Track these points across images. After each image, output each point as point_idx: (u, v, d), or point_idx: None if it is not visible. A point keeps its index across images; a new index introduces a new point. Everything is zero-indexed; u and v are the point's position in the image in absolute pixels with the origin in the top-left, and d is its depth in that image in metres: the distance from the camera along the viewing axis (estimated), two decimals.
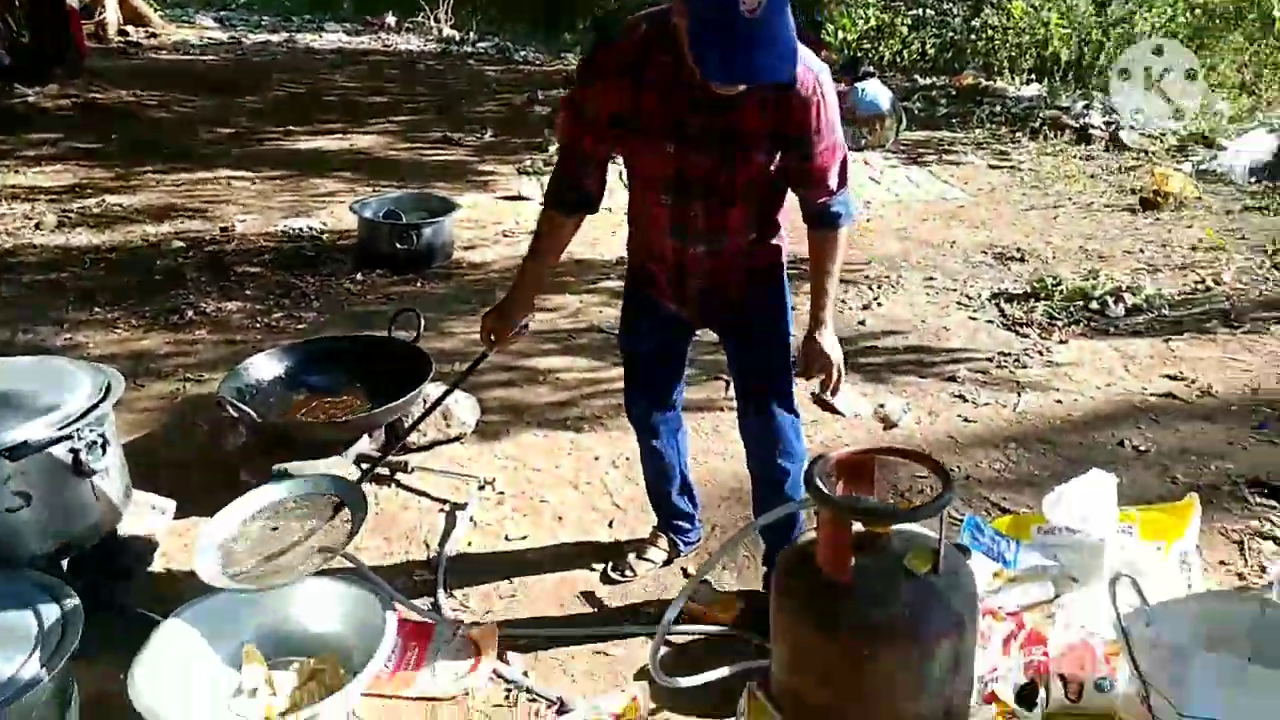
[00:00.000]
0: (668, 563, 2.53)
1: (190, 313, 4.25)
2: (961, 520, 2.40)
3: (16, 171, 6.63)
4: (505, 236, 5.52)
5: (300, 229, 5.47)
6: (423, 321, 3.27)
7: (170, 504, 2.61)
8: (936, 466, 1.71)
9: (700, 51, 1.66)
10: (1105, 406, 3.34)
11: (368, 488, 2.84)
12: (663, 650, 2.16)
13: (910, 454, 1.86)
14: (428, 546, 2.65)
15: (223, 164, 7.01)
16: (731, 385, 3.48)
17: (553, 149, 7.54)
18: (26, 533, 2.18)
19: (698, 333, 2.34)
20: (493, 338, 2.23)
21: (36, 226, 5.37)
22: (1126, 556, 2.15)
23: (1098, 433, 3.15)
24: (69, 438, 2.18)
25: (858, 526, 1.64)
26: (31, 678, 1.75)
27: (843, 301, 4.39)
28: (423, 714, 2.07)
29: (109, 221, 5.58)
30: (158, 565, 2.56)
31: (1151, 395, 3.40)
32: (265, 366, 3.10)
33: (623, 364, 2.43)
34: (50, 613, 1.93)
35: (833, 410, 1.96)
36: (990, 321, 4.17)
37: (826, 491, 1.61)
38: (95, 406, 2.27)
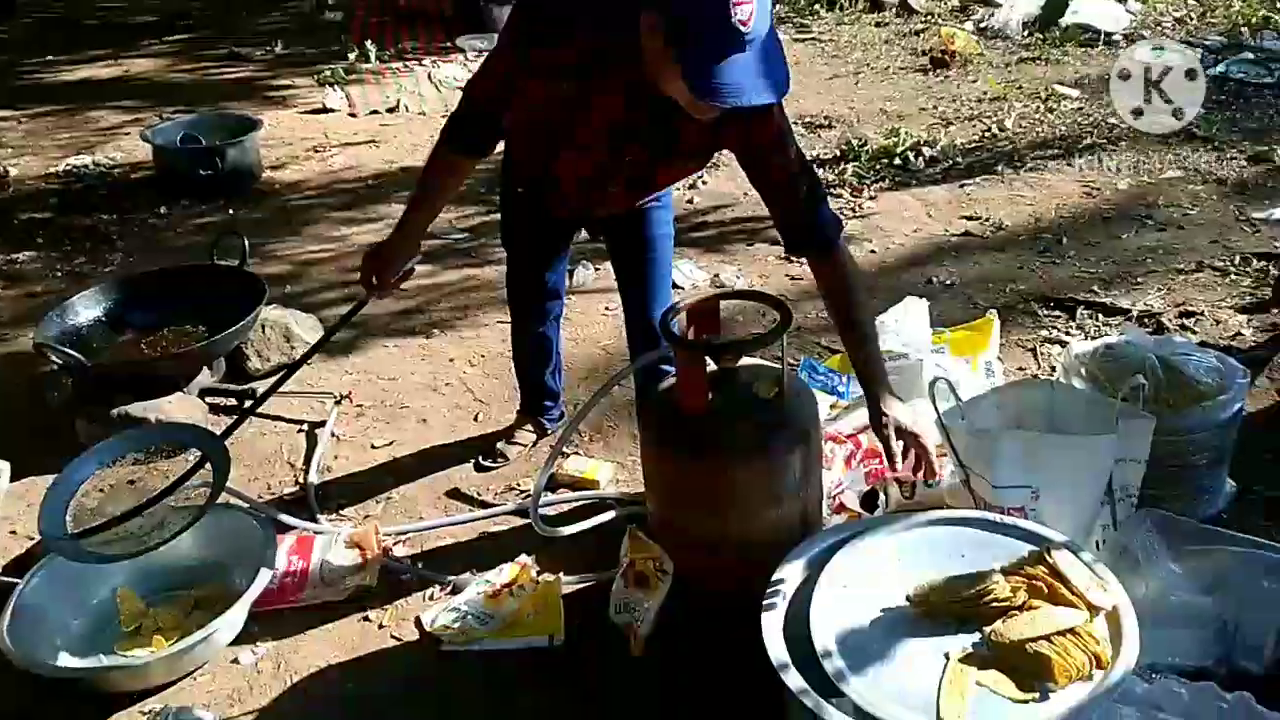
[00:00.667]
0: (535, 443, 2.63)
1: None
2: (798, 363, 2.63)
3: None
4: (316, 152, 5.29)
5: (86, 166, 5.04)
6: (247, 244, 3.15)
7: (4, 465, 2.46)
8: (772, 300, 1.87)
9: (691, 67, 1.45)
10: (913, 250, 3.65)
11: (217, 419, 2.80)
12: (543, 516, 2.28)
13: (747, 294, 2.03)
14: (292, 468, 2.63)
15: None
16: (573, 273, 3.58)
17: (353, 56, 7.17)
18: None
19: None
20: (375, 281, 2.03)
21: None
22: (941, 372, 2.42)
23: (908, 274, 3.45)
24: None
25: (712, 367, 1.79)
26: None
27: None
28: (317, 619, 2.11)
29: None
30: (1, 531, 2.43)
31: (952, 236, 3.73)
32: (84, 309, 2.92)
33: (506, 257, 2.42)
34: None
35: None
36: None
37: (679, 335, 1.74)
38: None
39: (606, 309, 3.39)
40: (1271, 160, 4.04)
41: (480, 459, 2.59)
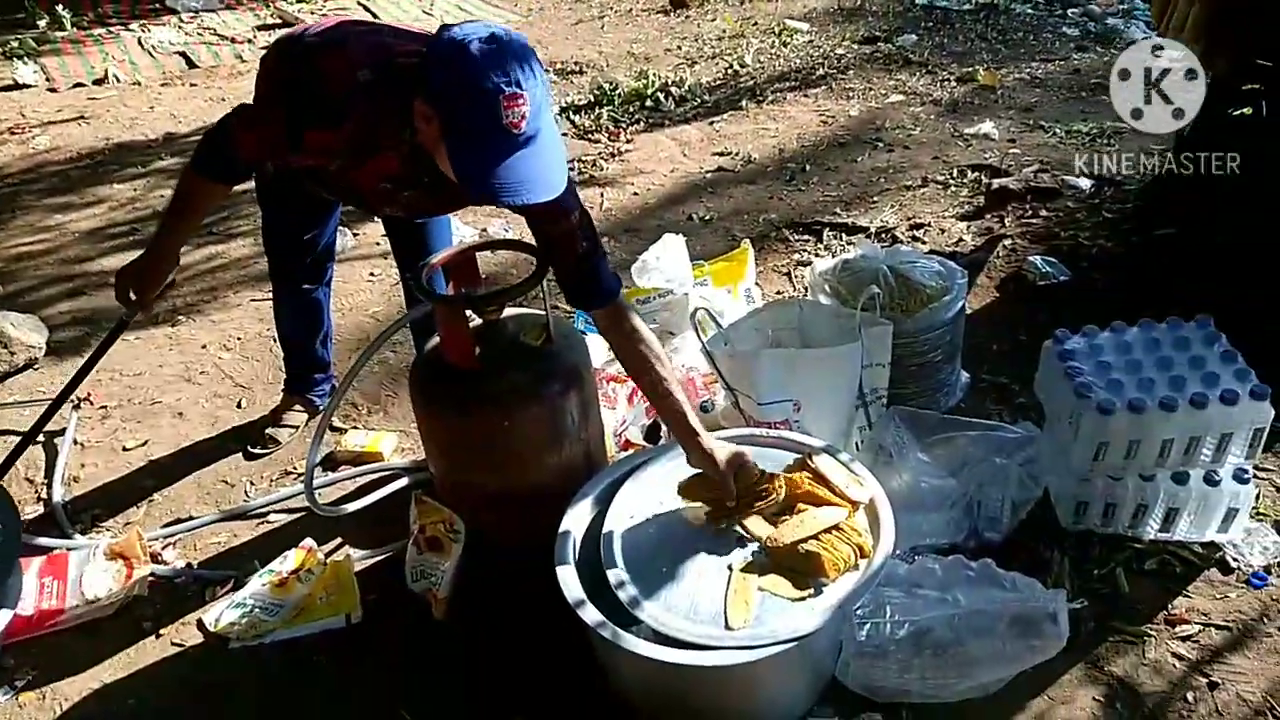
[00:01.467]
0: (307, 422, 2.51)
1: None
2: (573, 313, 2.66)
3: None
4: (14, 134, 4.69)
5: None
6: None
7: None
8: (527, 247, 1.87)
9: (465, 169, 1.42)
10: (672, 189, 3.76)
11: None
12: (325, 499, 2.20)
13: (499, 243, 2.01)
14: (32, 484, 2.37)
15: None
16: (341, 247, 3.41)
17: (44, 23, 6.38)
18: None
19: None
20: (133, 297, 1.90)
21: None
22: (705, 303, 2.52)
23: (669, 212, 3.55)
24: None
25: (476, 321, 1.77)
26: None
27: None
28: (84, 639, 1.94)
29: None
30: None
31: (707, 172, 3.87)
32: None
33: (262, 214, 2.21)
34: None
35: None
36: (565, 134, 4.40)
37: (433, 291, 1.71)
38: None
39: (371, 275, 3.27)
40: (975, 80, 4.48)
41: (249, 448, 2.44)
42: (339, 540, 2.13)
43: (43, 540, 2.13)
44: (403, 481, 2.20)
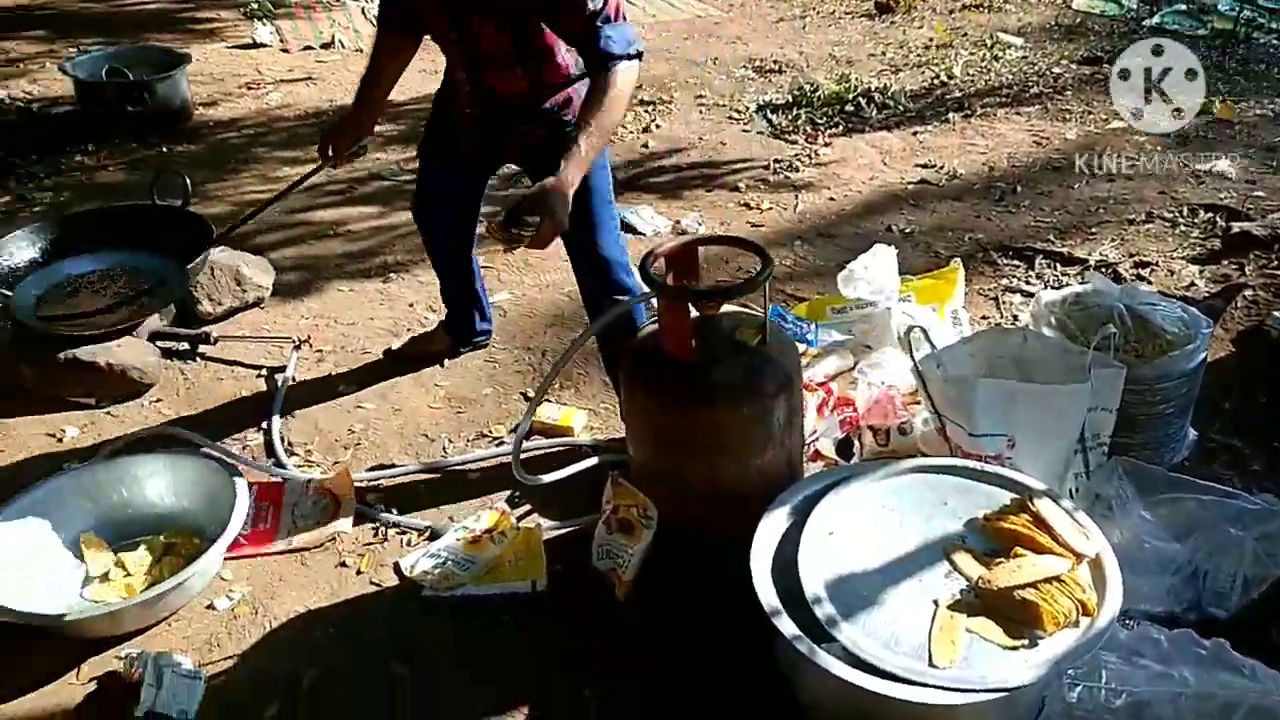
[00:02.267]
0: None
1: None
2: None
3: None
4: (250, 89, 5.06)
5: (2, 101, 4.73)
6: (189, 183, 3.02)
7: None
8: (753, 246, 1.87)
9: None
10: (871, 198, 3.68)
11: (170, 364, 2.71)
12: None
13: (726, 239, 2.01)
14: (254, 413, 2.56)
15: None
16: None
17: None
18: None
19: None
20: (330, 152, 2.29)
21: None
22: (909, 320, 2.46)
23: (868, 222, 3.48)
24: None
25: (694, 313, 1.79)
26: None
27: (623, 127, 4.45)
28: (293, 565, 2.08)
29: None
30: None
31: (909, 184, 3.77)
32: (17, 248, 2.76)
33: (418, 174, 2.46)
34: None
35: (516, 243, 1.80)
36: (761, 132, 4.38)
37: (662, 282, 1.73)
38: None
39: (566, 256, 3.35)
40: (1210, 112, 4.17)
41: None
42: (528, 507, 2.20)
43: (261, 467, 2.30)
44: (599, 459, 2.25)
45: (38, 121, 4.51)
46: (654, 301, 1.83)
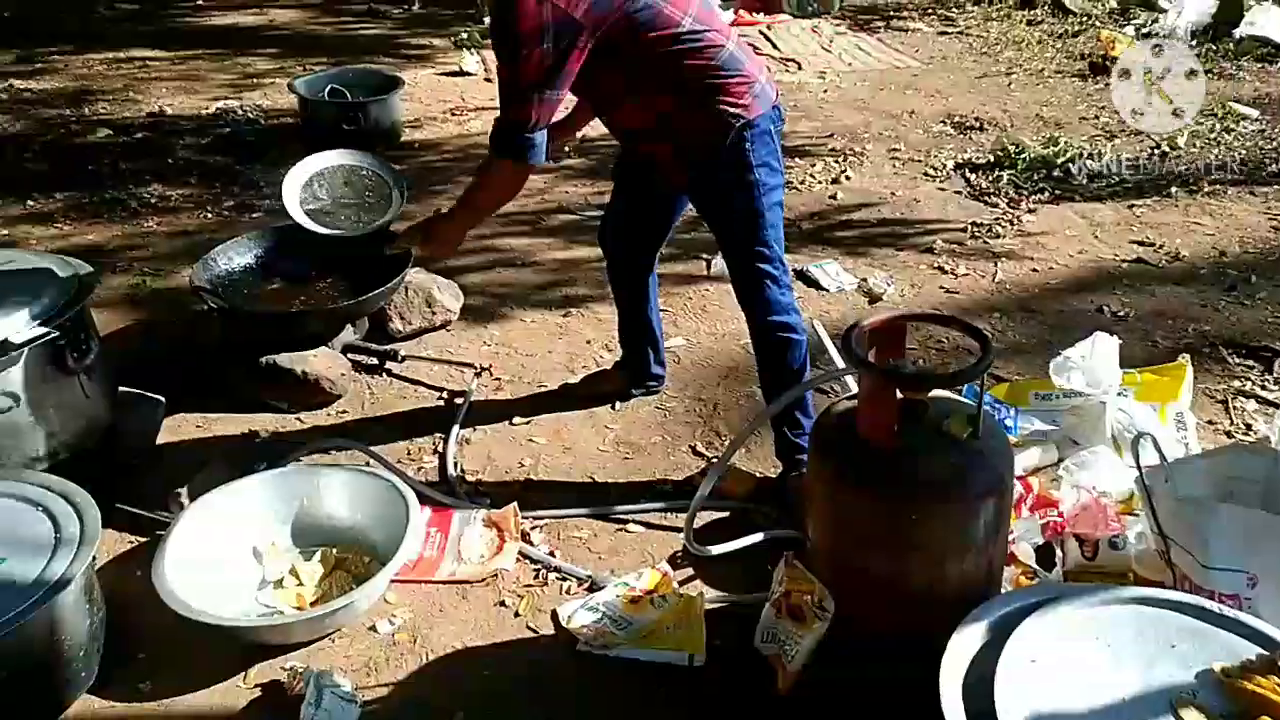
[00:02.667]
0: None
1: (134, 204, 4.00)
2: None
3: None
4: (454, 115, 5.29)
5: (235, 111, 5.15)
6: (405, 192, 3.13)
7: (160, 399, 2.50)
8: (971, 329, 1.73)
9: None
10: (1080, 273, 3.42)
11: (359, 377, 2.81)
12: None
13: (941, 318, 1.87)
14: (431, 434, 2.61)
15: (133, 43, 6.50)
16: (711, 264, 3.48)
17: (488, 20, 7.18)
18: (21, 434, 2.10)
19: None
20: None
21: None
22: (1125, 418, 2.24)
23: (1076, 299, 3.23)
24: (52, 335, 2.07)
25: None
26: (60, 577, 1.70)
27: (811, 176, 4.35)
28: (453, 597, 2.09)
29: (21, 107, 5.15)
30: (156, 461, 2.47)
31: (1123, 261, 3.49)
32: (236, 254, 2.95)
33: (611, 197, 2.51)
34: (63, 511, 1.86)
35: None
36: (959, 192, 4.19)
37: (866, 358, 1.62)
38: (74, 300, 2.16)
39: None
40: None
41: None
42: (691, 571, 2.13)
43: (433, 493, 2.33)
44: (766, 535, 2.15)
45: (263, 134, 4.86)
46: (850, 379, 1.72)
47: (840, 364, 2.59)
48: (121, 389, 2.43)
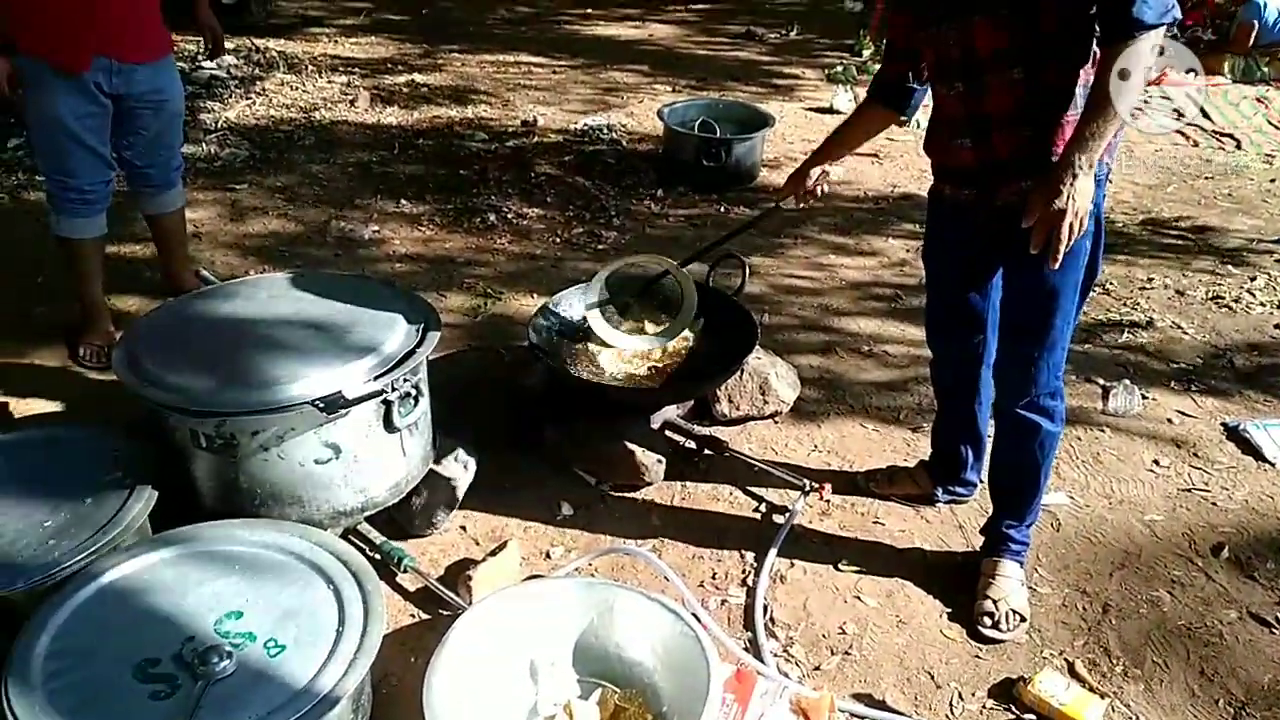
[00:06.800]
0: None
1: (492, 216, 4.05)
2: None
3: (335, 41, 6.77)
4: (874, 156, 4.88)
5: (600, 128, 5.15)
6: (748, 271, 2.80)
7: (471, 462, 2.34)
8: None
9: None
10: None
11: (672, 465, 2.52)
12: None
13: None
14: (741, 558, 2.25)
15: (521, 47, 6.82)
16: (1112, 393, 2.83)
17: (868, 54, 6.76)
18: (333, 488, 2.01)
19: None
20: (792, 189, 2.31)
21: (352, 103, 5.40)
22: None
23: None
24: (384, 393, 1.95)
25: None
26: (331, 692, 1.53)
27: (1249, 293, 3.49)
28: None
29: (415, 101, 5.52)
30: (444, 527, 2.30)
31: None
32: (570, 305, 2.78)
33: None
34: (350, 595, 1.71)
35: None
36: None
37: None
38: (412, 352, 2.04)
39: (1156, 464, 2.60)
40: None
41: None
42: None
43: (737, 651, 1.96)
44: None
45: (623, 158, 4.79)
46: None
47: None
48: (441, 439, 2.31)
